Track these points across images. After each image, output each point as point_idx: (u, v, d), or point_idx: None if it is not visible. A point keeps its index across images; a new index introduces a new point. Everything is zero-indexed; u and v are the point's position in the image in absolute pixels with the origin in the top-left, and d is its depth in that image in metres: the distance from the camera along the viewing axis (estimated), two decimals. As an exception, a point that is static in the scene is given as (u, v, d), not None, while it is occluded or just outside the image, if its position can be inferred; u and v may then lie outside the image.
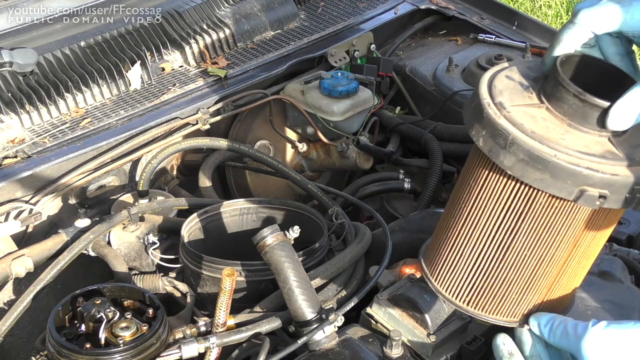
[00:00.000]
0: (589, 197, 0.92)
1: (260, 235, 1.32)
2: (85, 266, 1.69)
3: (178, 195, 1.86)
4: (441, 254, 1.11)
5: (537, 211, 0.98)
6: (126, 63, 1.97)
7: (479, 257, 1.06)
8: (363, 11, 2.35)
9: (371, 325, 1.38)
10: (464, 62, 2.19)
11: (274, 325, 1.34)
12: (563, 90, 0.95)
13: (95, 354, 1.21)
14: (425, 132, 2.07)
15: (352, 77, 2.05)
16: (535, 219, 0.99)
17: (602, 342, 0.96)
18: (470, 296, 1.09)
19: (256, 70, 2.07)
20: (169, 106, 1.92)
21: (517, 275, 1.05)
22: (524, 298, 1.07)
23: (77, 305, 1.29)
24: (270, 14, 2.23)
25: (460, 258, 1.08)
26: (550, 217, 0.98)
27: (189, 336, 1.31)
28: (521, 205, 0.98)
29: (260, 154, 1.87)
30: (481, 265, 1.06)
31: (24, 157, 1.73)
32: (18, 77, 1.84)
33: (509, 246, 1.03)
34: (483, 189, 1.02)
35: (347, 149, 2.06)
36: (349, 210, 1.86)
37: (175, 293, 1.54)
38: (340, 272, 1.49)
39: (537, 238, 1.00)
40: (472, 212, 1.05)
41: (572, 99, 0.94)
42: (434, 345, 1.31)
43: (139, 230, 1.63)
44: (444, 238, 1.10)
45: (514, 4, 4.58)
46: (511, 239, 1.02)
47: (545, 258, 1.02)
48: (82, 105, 1.90)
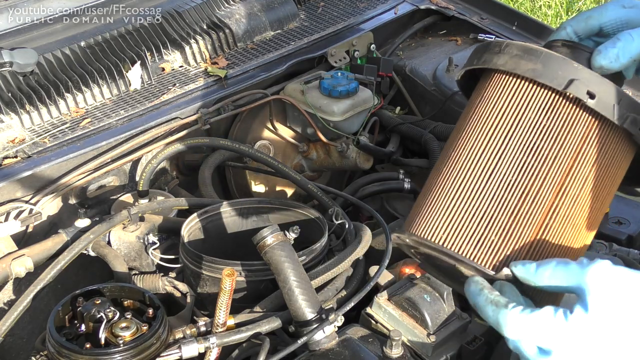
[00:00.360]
0: (577, 87, 0.96)
1: (260, 235, 1.32)
2: (85, 266, 1.69)
3: (178, 195, 1.86)
4: (421, 203, 1.07)
5: (531, 113, 0.99)
6: (126, 63, 1.97)
7: (460, 188, 1.00)
8: (363, 11, 2.35)
9: (371, 325, 1.38)
10: (464, 62, 2.17)
11: (274, 325, 1.34)
12: (557, 43, 1.07)
13: (95, 354, 1.21)
14: (425, 132, 2.07)
15: (352, 77, 2.05)
16: (527, 125, 0.99)
17: (610, 277, 0.87)
18: (449, 232, 1.01)
19: (256, 70, 2.07)
20: (169, 106, 1.92)
21: (499, 207, 0.98)
22: (507, 241, 0.98)
23: (77, 305, 1.29)
24: (270, 14, 2.23)
25: (444, 193, 1.02)
26: (542, 122, 0.98)
27: (189, 336, 1.31)
28: (514, 111, 1.00)
29: (260, 154, 1.87)
30: (462, 197, 1.00)
31: (24, 157, 1.73)
32: (18, 77, 1.84)
33: (494, 170, 0.99)
34: (476, 109, 1.04)
35: (347, 149, 2.06)
36: (349, 210, 1.86)
37: (175, 293, 1.54)
38: (340, 272, 1.49)
39: (525, 156, 0.98)
40: (457, 141, 1.04)
41: (562, 48, 1.05)
42: (434, 345, 1.31)
43: (139, 230, 1.63)
44: (426, 189, 1.08)
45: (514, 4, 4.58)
46: (497, 160, 0.99)
47: (531, 186, 0.97)
48: (82, 105, 1.90)
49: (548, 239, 0.99)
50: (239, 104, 1.99)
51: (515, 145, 0.99)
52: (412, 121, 2.16)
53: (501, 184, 0.99)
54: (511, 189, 0.99)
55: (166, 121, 1.87)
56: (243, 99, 2.00)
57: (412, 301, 1.34)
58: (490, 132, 1.01)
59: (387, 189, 1.97)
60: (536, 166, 0.98)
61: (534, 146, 0.99)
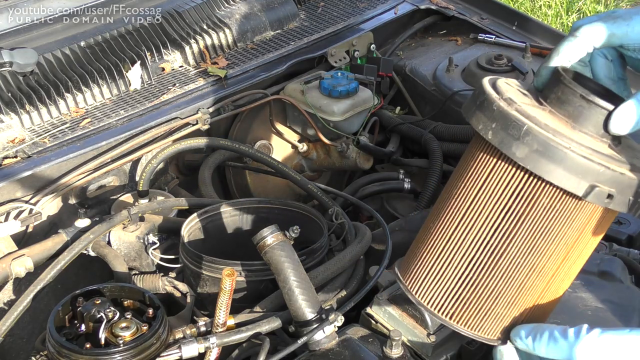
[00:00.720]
0: (598, 194, 0.91)
1: (260, 235, 1.32)
2: (85, 266, 1.69)
3: (178, 195, 1.86)
4: (424, 262, 1.06)
5: (540, 208, 0.96)
6: (126, 63, 1.97)
7: (468, 264, 1.01)
8: (363, 11, 2.35)
9: (371, 325, 1.38)
10: (464, 62, 2.19)
11: (274, 325, 1.34)
12: (569, 91, 0.95)
13: (95, 354, 1.21)
14: (425, 132, 2.07)
15: (352, 77, 2.05)
16: (537, 217, 0.96)
17: (597, 348, 0.91)
18: (454, 308, 1.05)
19: (256, 70, 2.07)
20: (169, 106, 1.92)
21: (507, 284, 1.00)
22: (510, 311, 1.03)
23: (77, 305, 1.29)
24: (270, 14, 2.23)
25: (447, 266, 1.03)
26: (552, 215, 0.96)
27: (189, 336, 1.31)
28: (524, 203, 0.96)
29: (260, 154, 1.87)
30: (469, 273, 1.02)
31: (24, 157, 1.73)
32: (18, 77, 1.84)
33: (504, 250, 0.99)
34: (483, 186, 0.99)
35: (347, 149, 2.06)
36: (349, 210, 1.86)
37: (175, 293, 1.54)
38: (340, 272, 1.49)
39: (535, 240, 0.98)
40: (466, 213, 1.01)
41: (577, 100, 0.95)
42: (434, 345, 1.31)
43: (139, 230, 1.63)
44: (429, 244, 1.06)
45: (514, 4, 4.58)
46: (507, 242, 0.99)
47: (539, 263, 0.99)
48: (82, 105, 1.90)
49: (537, 310, 1.04)
50: (239, 104, 1.99)
51: (519, 237, 0.98)
52: (412, 121, 2.16)
53: (505, 272, 1.00)
54: (514, 275, 1.01)
55: (166, 121, 1.87)
56: (243, 99, 2.00)
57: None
58: (497, 219, 0.99)
59: (387, 189, 1.97)
60: (538, 257, 0.99)
61: (537, 239, 0.98)
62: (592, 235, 1.00)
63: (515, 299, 1.02)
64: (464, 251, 1.02)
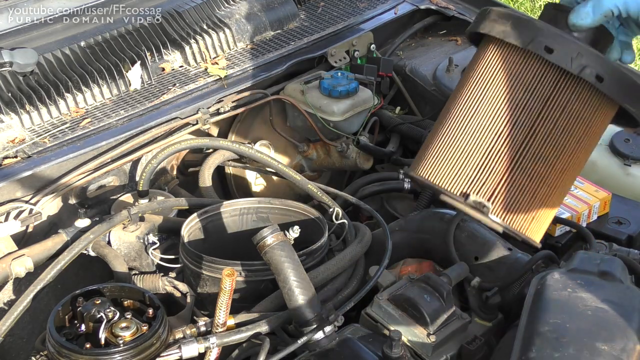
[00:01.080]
0: (537, 44, 1.10)
1: (260, 235, 1.32)
2: (85, 266, 1.69)
3: (178, 195, 1.86)
4: (440, 149, 1.17)
5: (506, 69, 1.14)
6: (126, 63, 1.97)
7: (489, 141, 1.12)
8: (363, 11, 2.34)
9: (371, 325, 1.38)
10: (464, 62, 2.19)
11: (274, 325, 1.34)
12: (549, 6, 1.18)
13: (95, 354, 1.21)
14: (425, 132, 2.07)
15: (352, 77, 2.05)
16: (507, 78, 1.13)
17: None
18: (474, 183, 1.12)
19: (256, 70, 2.07)
20: (169, 106, 1.92)
21: (482, 134, 1.13)
22: (485, 166, 1.12)
23: (77, 305, 1.29)
24: (270, 14, 2.23)
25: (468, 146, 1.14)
26: (517, 72, 1.12)
27: (189, 336, 1.31)
28: (495, 68, 1.14)
29: (260, 154, 1.87)
30: (489, 149, 1.12)
31: (24, 157, 1.73)
32: (18, 77, 1.84)
33: (480, 110, 1.14)
34: (468, 67, 1.20)
35: (347, 149, 2.06)
36: (349, 210, 1.86)
37: (175, 293, 1.54)
38: (340, 272, 1.49)
39: (505, 96, 1.13)
40: (455, 94, 1.20)
41: (552, 10, 1.17)
42: (434, 345, 1.31)
43: (139, 230, 1.63)
44: (446, 132, 1.18)
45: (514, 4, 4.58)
46: (482, 96, 1.14)
47: (509, 119, 1.12)
48: (82, 105, 1.90)
49: (523, 175, 1.13)
50: (239, 104, 1.99)
51: (492, 95, 1.14)
52: (412, 121, 2.16)
53: (483, 128, 1.14)
54: (490, 131, 1.13)
55: (166, 121, 1.87)
56: (243, 99, 2.00)
57: (412, 301, 1.34)
58: (474, 85, 1.17)
59: (387, 189, 1.97)
60: (509, 111, 1.13)
61: (509, 95, 1.13)
62: (563, 111, 1.12)
63: (489, 163, 1.12)
64: (448, 127, 1.17)
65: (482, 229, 1.57)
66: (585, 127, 1.13)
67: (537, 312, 1.19)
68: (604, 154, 1.85)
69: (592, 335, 1.15)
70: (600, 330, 1.17)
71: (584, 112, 1.12)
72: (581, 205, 1.65)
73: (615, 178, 1.81)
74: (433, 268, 1.59)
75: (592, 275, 1.30)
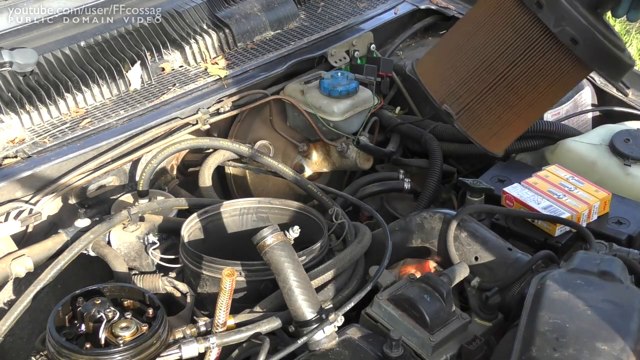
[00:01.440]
0: None
1: (260, 235, 1.32)
2: (85, 266, 1.69)
3: (178, 195, 1.86)
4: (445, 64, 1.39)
5: (502, 6, 1.31)
6: (126, 63, 1.97)
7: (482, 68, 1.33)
8: (363, 11, 2.35)
9: (371, 325, 1.38)
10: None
11: (274, 325, 1.34)
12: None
13: (95, 354, 1.21)
14: (425, 132, 2.07)
15: (352, 77, 2.05)
16: (501, 13, 1.31)
17: None
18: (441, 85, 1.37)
19: (256, 70, 2.07)
20: (169, 106, 1.92)
21: (471, 57, 1.33)
22: (465, 83, 1.33)
23: (77, 305, 1.29)
24: (270, 14, 2.23)
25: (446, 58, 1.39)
26: (510, 12, 1.30)
27: (189, 336, 1.31)
28: (496, 4, 1.32)
29: (260, 154, 1.87)
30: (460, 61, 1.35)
31: (24, 157, 1.73)
32: (18, 77, 1.84)
33: (477, 32, 1.34)
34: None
35: (347, 149, 2.06)
36: (349, 210, 1.86)
37: (175, 293, 1.54)
38: (340, 272, 1.49)
39: (499, 27, 1.31)
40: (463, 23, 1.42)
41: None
42: (434, 345, 1.31)
43: (139, 230, 1.63)
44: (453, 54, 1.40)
45: (514, 4, 4.58)
46: (480, 27, 1.33)
47: (497, 46, 1.31)
48: (82, 105, 1.90)
49: (494, 99, 1.35)
50: (239, 104, 1.99)
51: (488, 28, 1.33)
52: (412, 121, 2.16)
53: (473, 53, 1.35)
54: (478, 56, 1.34)
55: (166, 121, 1.87)
56: (243, 99, 2.00)
57: (412, 301, 1.34)
58: (476, 18, 1.37)
59: (387, 189, 1.97)
60: (498, 44, 1.32)
61: (501, 32, 1.32)
62: (537, 58, 1.31)
63: (474, 84, 1.34)
64: (476, 53, 1.34)
65: (482, 229, 1.57)
66: (559, 73, 1.31)
67: (537, 312, 1.19)
68: (604, 154, 1.85)
69: (592, 335, 1.15)
70: (600, 330, 1.16)
71: (560, 62, 1.30)
72: (581, 205, 1.65)
73: (615, 178, 1.81)
74: (433, 268, 1.59)
75: (592, 275, 1.30)
